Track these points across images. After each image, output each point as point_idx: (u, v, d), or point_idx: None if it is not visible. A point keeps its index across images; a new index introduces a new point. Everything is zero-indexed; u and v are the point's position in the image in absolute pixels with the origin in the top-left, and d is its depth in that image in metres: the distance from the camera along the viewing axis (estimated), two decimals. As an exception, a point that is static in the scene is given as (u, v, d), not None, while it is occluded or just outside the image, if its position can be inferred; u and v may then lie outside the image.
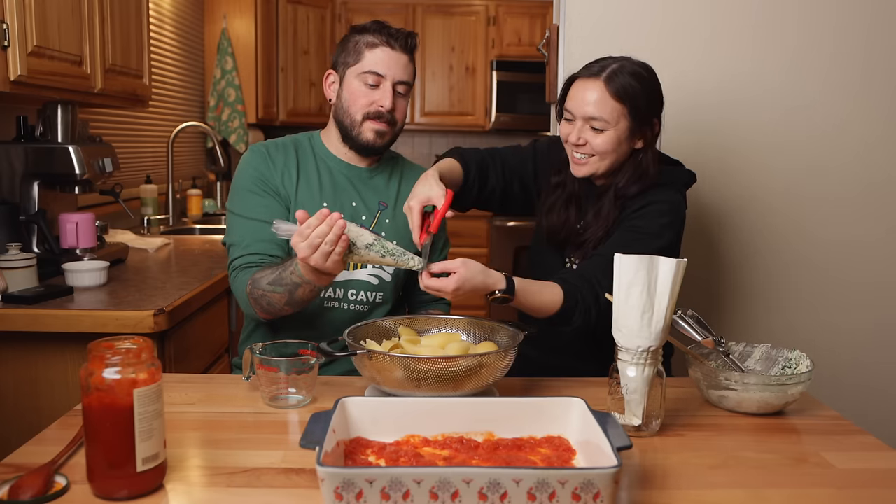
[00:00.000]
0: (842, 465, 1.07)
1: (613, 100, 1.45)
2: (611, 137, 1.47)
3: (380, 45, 1.55)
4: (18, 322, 1.62)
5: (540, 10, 4.97)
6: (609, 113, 1.45)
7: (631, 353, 1.15)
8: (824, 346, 2.23)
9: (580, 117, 1.48)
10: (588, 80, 1.48)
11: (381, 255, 1.27)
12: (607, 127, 1.46)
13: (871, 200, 2.20)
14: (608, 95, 1.45)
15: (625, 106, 1.46)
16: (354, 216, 1.60)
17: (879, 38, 2.13)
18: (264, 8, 4.25)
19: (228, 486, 0.97)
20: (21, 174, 2.02)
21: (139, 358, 0.92)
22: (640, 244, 1.44)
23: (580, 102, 1.48)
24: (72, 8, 1.96)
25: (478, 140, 5.36)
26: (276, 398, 1.25)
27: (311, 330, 1.56)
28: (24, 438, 1.11)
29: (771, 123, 2.16)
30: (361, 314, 1.60)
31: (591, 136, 1.48)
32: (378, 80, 1.54)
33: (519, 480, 0.82)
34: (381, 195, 1.65)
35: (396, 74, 1.55)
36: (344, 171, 1.63)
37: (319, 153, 1.64)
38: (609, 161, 1.50)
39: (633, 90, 1.46)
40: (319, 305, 1.58)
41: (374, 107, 1.55)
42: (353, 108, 1.56)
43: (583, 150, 1.50)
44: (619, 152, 1.50)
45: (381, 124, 1.56)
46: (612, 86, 1.45)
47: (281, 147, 1.62)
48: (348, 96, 1.57)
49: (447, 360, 1.14)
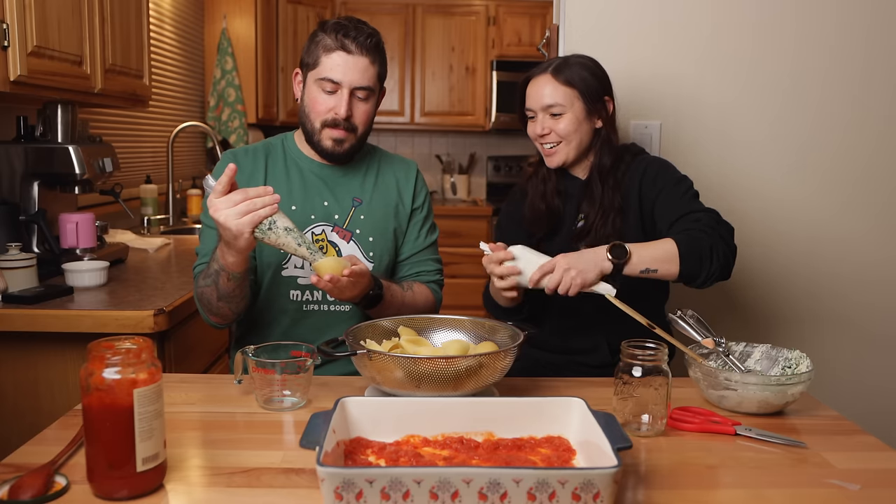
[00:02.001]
0: (842, 465, 1.07)
1: (564, 86, 1.60)
2: (570, 119, 1.60)
3: (335, 49, 1.49)
4: (18, 322, 1.62)
5: (540, 10, 4.97)
6: (562, 97, 1.60)
7: None
8: (824, 345, 2.23)
9: (539, 110, 1.62)
10: (538, 77, 1.64)
11: (297, 242, 1.30)
12: (564, 110, 1.60)
13: (872, 198, 2.20)
14: (558, 83, 1.60)
15: (574, 89, 1.60)
16: (327, 215, 1.59)
17: (879, 37, 2.13)
18: (264, 8, 4.25)
19: (228, 486, 0.97)
20: (21, 174, 2.02)
21: (139, 358, 0.92)
22: (680, 186, 1.60)
23: (536, 97, 1.63)
24: (72, 8, 1.96)
25: (478, 140, 5.36)
26: (271, 400, 1.25)
27: (294, 334, 1.57)
28: (24, 438, 1.11)
29: (770, 122, 2.16)
30: (344, 315, 1.59)
31: (552, 123, 1.62)
32: (334, 87, 1.51)
33: (519, 480, 0.82)
34: (354, 192, 1.63)
35: (354, 80, 1.50)
36: (315, 171, 1.62)
37: (291, 154, 1.63)
38: (575, 143, 1.62)
39: (579, 74, 1.61)
40: (299, 309, 1.58)
41: (330, 114, 1.52)
42: (312, 114, 1.54)
43: (549, 139, 1.63)
44: (581, 132, 1.62)
45: (338, 132, 1.53)
46: (560, 75, 1.61)
47: (251, 153, 1.62)
48: (308, 101, 1.54)
49: (447, 360, 1.13)
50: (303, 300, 1.58)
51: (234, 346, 1.69)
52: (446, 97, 5.03)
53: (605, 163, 1.63)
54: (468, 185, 5.33)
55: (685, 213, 1.53)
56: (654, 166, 1.64)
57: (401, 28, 4.96)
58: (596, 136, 1.65)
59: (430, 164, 5.38)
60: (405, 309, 1.56)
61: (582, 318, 1.65)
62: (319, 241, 1.57)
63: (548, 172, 1.69)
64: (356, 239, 1.59)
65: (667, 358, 1.18)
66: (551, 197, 1.68)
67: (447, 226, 4.27)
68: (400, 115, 5.01)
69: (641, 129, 2.13)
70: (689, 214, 1.52)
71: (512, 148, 5.36)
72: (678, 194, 1.58)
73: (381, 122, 4.97)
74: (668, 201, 1.58)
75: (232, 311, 1.49)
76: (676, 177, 1.62)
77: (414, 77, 4.99)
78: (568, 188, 1.69)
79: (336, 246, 1.58)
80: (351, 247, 1.59)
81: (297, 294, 1.58)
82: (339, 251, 1.58)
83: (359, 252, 1.59)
